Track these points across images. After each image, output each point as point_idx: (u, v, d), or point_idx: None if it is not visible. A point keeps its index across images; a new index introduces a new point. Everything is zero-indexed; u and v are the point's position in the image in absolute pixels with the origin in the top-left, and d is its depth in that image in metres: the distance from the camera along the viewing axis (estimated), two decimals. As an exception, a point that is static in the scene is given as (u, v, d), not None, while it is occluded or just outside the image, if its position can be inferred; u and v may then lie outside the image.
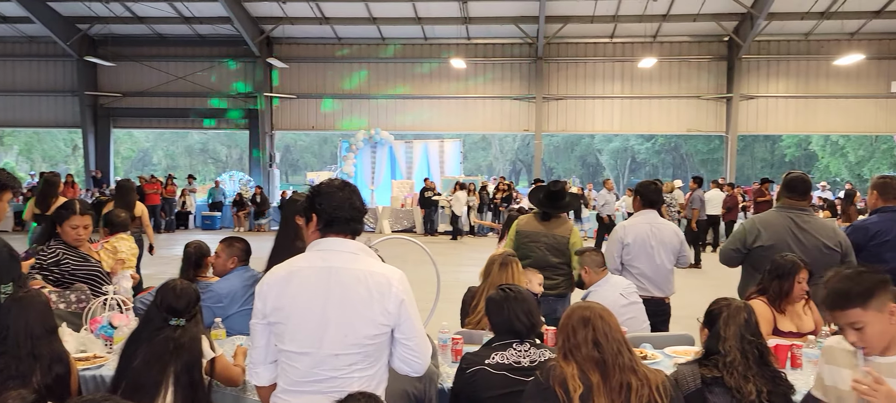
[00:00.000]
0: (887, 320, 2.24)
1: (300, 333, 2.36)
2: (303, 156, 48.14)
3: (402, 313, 2.36)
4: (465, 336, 3.85)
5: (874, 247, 4.77)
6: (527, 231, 5.19)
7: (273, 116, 23.00)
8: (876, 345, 2.28)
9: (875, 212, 4.95)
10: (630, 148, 44.82)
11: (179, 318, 3.03)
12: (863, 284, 2.27)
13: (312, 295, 2.35)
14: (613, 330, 2.51)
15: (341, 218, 2.42)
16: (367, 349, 2.34)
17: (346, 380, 2.34)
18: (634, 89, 21.59)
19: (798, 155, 40.18)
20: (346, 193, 2.45)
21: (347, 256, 2.39)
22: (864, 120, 20.99)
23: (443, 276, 5.13)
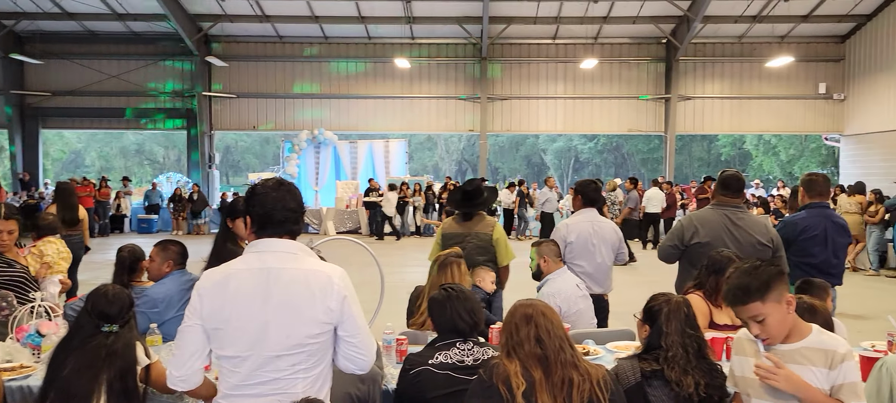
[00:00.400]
0: (785, 310, 2.36)
1: (240, 337, 2.30)
2: (244, 157, 47.19)
3: (345, 310, 2.33)
4: (410, 336, 3.83)
5: (803, 242, 4.97)
6: (451, 232, 5.20)
7: (212, 116, 22.45)
8: (777, 335, 2.39)
9: (803, 209, 5.17)
10: (573, 147, 45.61)
11: (112, 324, 2.91)
12: (760, 278, 2.36)
13: (251, 298, 2.30)
14: (555, 327, 2.53)
15: (275, 220, 2.37)
16: (310, 348, 2.30)
17: (289, 381, 2.29)
18: (577, 90, 21.96)
19: (733, 154, 41.62)
20: (280, 193, 2.39)
21: (285, 256, 2.34)
22: (795, 120, 21.89)
23: (388, 277, 5.09)
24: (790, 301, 2.37)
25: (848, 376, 2.32)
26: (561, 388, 2.42)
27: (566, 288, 4.34)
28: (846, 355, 2.33)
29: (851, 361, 2.33)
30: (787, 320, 2.38)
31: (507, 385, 2.41)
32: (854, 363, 2.33)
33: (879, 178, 17.36)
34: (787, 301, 2.37)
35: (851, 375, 2.32)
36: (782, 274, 2.41)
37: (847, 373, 2.32)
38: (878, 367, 2.91)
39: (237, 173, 45.35)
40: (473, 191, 5.30)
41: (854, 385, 2.32)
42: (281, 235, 2.38)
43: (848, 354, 2.33)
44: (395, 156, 23.31)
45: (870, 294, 10.66)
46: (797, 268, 4.88)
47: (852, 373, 2.32)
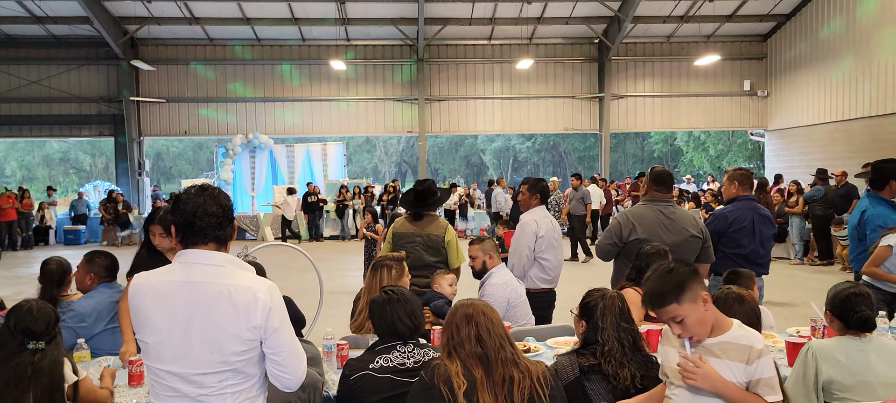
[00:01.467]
0: (702, 308, 2.43)
1: (164, 352, 2.22)
2: (176, 163, 45.83)
3: (269, 327, 2.21)
4: (351, 341, 3.78)
5: (733, 234, 5.15)
6: (401, 232, 5.20)
7: (141, 121, 21.70)
8: (698, 332, 2.46)
9: (731, 202, 5.35)
10: (512, 147, 46.14)
11: (38, 341, 2.77)
12: (673, 280, 2.43)
13: (174, 313, 2.20)
14: (495, 326, 2.55)
15: (196, 226, 2.25)
16: (236, 365, 2.21)
17: (218, 397, 2.22)
18: (513, 90, 22.21)
19: (665, 150, 42.90)
20: (202, 199, 2.27)
21: (209, 269, 2.23)
22: (722, 116, 22.73)
23: (328, 282, 5.02)
24: (706, 298, 2.43)
25: (764, 371, 2.40)
26: (502, 386, 2.43)
27: (512, 280, 4.41)
28: (763, 351, 2.40)
29: (767, 357, 2.41)
30: (705, 317, 2.43)
31: (449, 385, 2.41)
32: (769, 358, 2.41)
33: (801, 170, 18.22)
34: (704, 298, 2.42)
35: (768, 370, 2.40)
36: (695, 273, 2.47)
37: (763, 368, 2.40)
38: (804, 352, 3.03)
39: (169, 180, 43.99)
40: (425, 191, 5.29)
41: (770, 379, 2.40)
42: (205, 243, 2.27)
43: (764, 350, 2.41)
44: (334, 159, 23.06)
45: (794, 282, 11.15)
46: (727, 259, 5.05)
47: (768, 368, 2.41)
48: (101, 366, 3.26)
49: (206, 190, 2.33)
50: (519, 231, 5.19)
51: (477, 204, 20.91)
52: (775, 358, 2.80)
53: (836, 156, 17.91)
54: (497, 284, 4.37)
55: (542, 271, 5.08)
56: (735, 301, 2.74)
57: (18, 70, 20.84)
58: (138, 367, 3.30)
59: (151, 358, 2.25)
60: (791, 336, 3.80)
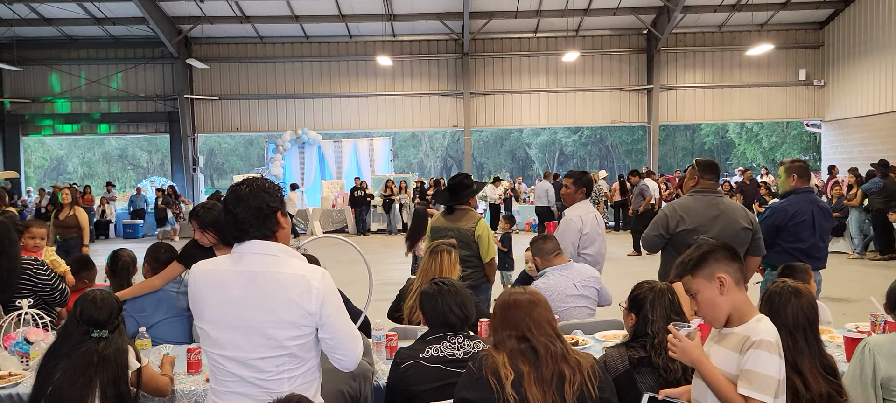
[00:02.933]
0: (715, 289, 2.36)
1: (223, 337, 2.33)
2: (228, 158, 46.90)
3: (324, 314, 2.30)
4: (400, 332, 3.84)
5: (792, 227, 5.02)
6: (436, 226, 5.31)
7: (195, 119, 22.31)
8: (708, 313, 2.40)
9: (789, 194, 5.20)
10: (558, 141, 45.73)
11: (101, 330, 2.89)
12: (695, 254, 2.42)
13: (231, 301, 2.31)
14: (542, 322, 2.52)
15: (239, 225, 2.34)
16: (292, 350, 2.29)
17: (275, 382, 2.30)
18: (559, 83, 22.02)
19: (717, 142, 41.93)
20: (230, 204, 2.36)
21: (265, 259, 2.32)
22: (776, 107, 22.09)
23: (376, 275, 5.08)
24: (724, 281, 2.34)
25: (753, 364, 2.26)
26: (551, 382, 2.42)
27: (557, 287, 4.32)
28: (758, 343, 2.27)
29: (761, 351, 2.26)
30: (718, 301, 2.36)
31: (497, 376, 2.42)
32: (766, 354, 2.25)
33: (860, 162, 17.58)
34: (721, 280, 2.34)
35: (757, 365, 2.26)
36: (724, 254, 2.39)
37: (754, 361, 2.26)
38: (860, 348, 2.95)
39: (222, 175, 45.05)
40: (457, 185, 5.33)
41: (753, 373, 2.25)
42: (255, 237, 2.34)
43: (760, 343, 2.27)
44: (380, 154, 23.28)
45: (853, 277, 10.80)
46: (786, 254, 4.93)
47: (759, 363, 2.25)
48: (161, 354, 3.38)
49: (246, 184, 2.37)
50: (563, 225, 5.16)
51: (523, 197, 20.83)
52: (833, 354, 2.74)
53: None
54: (541, 287, 4.32)
55: (588, 266, 5.05)
56: (791, 294, 2.67)
57: (79, 70, 21.65)
58: (196, 355, 3.41)
59: (210, 345, 2.36)
60: (849, 331, 3.70)
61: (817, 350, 2.62)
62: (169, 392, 3.18)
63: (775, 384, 2.25)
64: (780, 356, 2.30)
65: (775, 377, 2.26)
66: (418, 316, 4.15)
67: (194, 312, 2.42)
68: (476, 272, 5.28)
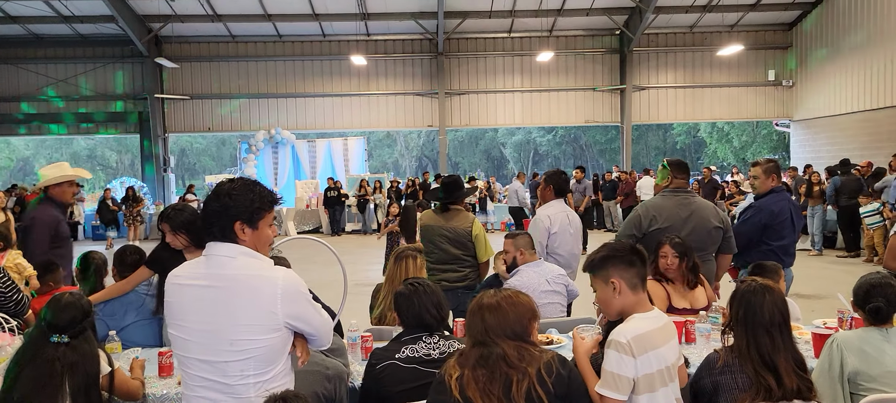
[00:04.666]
0: (610, 292, 2.60)
1: (188, 341, 2.33)
2: (200, 159, 46.34)
3: (292, 312, 2.30)
4: (375, 333, 3.82)
5: (777, 226, 5.06)
6: (429, 224, 5.24)
7: (165, 119, 21.98)
8: (604, 309, 2.69)
9: (769, 193, 5.23)
10: (533, 140, 45.96)
11: (61, 335, 2.82)
12: (596, 256, 2.67)
13: (196, 305, 2.31)
14: (496, 326, 2.44)
15: (206, 224, 2.36)
16: (258, 354, 2.28)
17: (241, 387, 2.28)
18: (534, 82, 22.13)
19: (688, 142, 42.50)
20: (211, 198, 2.38)
21: (226, 261, 2.30)
22: (746, 107, 22.44)
23: (352, 275, 5.08)
24: (618, 286, 2.56)
25: (605, 362, 2.49)
26: (497, 385, 2.34)
27: (532, 282, 4.34)
28: (609, 343, 2.50)
29: (610, 350, 2.48)
30: (612, 301, 2.60)
31: (448, 378, 2.41)
32: (614, 353, 2.46)
33: (828, 161, 17.94)
34: (615, 285, 2.57)
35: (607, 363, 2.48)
36: (619, 261, 2.60)
37: (606, 360, 2.49)
38: (829, 344, 3.01)
39: (194, 176, 44.47)
40: (452, 185, 5.30)
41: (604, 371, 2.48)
42: (216, 239, 2.33)
43: (610, 343, 2.49)
44: (355, 154, 23.18)
45: (817, 274, 11.00)
46: (771, 252, 4.91)
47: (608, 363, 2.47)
48: (130, 358, 3.33)
49: (217, 188, 2.39)
50: (532, 226, 5.18)
51: (498, 197, 20.89)
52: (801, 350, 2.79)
53: (863, 145, 17.61)
54: (515, 284, 4.33)
55: (556, 265, 5.05)
56: (765, 292, 2.71)
57: (46, 69, 21.21)
58: (168, 358, 3.37)
59: (180, 348, 2.36)
60: (817, 327, 3.77)
61: (791, 346, 2.68)
62: (140, 396, 3.14)
63: (624, 382, 2.44)
64: (633, 355, 2.44)
65: (623, 375, 2.44)
66: (392, 317, 4.15)
67: (167, 317, 2.42)
68: (472, 271, 5.23)
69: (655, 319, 2.59)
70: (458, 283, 5.08)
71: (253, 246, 2.33)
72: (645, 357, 2.45)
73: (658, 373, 2.48)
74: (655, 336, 2.52)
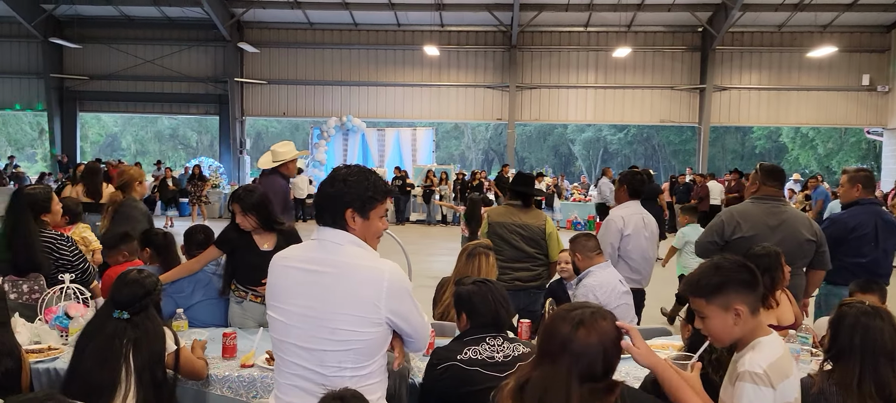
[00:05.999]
0: (730, 321, 2.18)
1: (289, 325, 2.28)
2: (274, 142, 47.53)
3: (394, 307, 2.25)
4: (437, 328, 3.73)
5: (853, 241, 4.74)
6: (500, 221, 5.00)
7: (243, 102, 22.62)
8: (717, 339, 2.25)
9: (852, 205, 4.91)
10: (602, 138, 45.03)
11: (122, 311, 2.85)
12: (713, 280, 2.20)
13: (300, 287, 2.27)
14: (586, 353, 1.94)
15: (318, 208, 2.32)
16: (357, 347, 2.22)
17: (336, 379, 2.22)
18: (608, 79, 21.62)
19: (768, 147, 40.74)
20: (326, 182, 2.34)
21: (334, 248, 2.26)
22: (835, 112, 21.28)
23: (415, 266, 5.02)
24: (741, 313, 2.16)
25: (738, 398, 2.13)
26: None
27: (610, 282, 4.15)
28: (741, 375, 2.13)
29: (744, 383, 2.12)
30: (730, 331, 2.19)
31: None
32: (750, 386, 2.11)
33: (923, 174, 16.83)
34: (738, 312, 2.16)
35: (743, 398, 2.12)
36: (740, 285, 2.19)
37: (738, 395, 2.13)
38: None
39: (268, 159, 45.72)
40: (529, 180, 5.16)
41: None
42: (330, 224, 2.29)
43: (743, 375, 2.13)
44: (422, 145, 23.24)
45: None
46: (845, 269, 4.66)
47: (744, 397, 2.11)
48: (192, 339, 3.35)
49: (335, 172, 2.34)
50: (604, 227, 5.00)
51: (564, 194, 20.53)
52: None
53: (965, 159, 16.43)
54: (589, 286, 4.14)
55: (629, 270, 4.85)
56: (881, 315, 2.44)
57: (135, 49, 22.16)
58: (232, 340, 3.37)
59: (279, 332, 2.32)
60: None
61: None
62: (205, 376, 3.15)
63: None
64: (772, 385, 2.11)
65: None
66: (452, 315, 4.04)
67: (268, 298, 2.38)
68: (545, 271, 5.04)
69: (780, 343, 2.26)
70: (530, 283, 4.92)
71: (362, 236, 2.28)
72: (782, 385, 2.15)
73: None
74: (787, 363, 2.21)
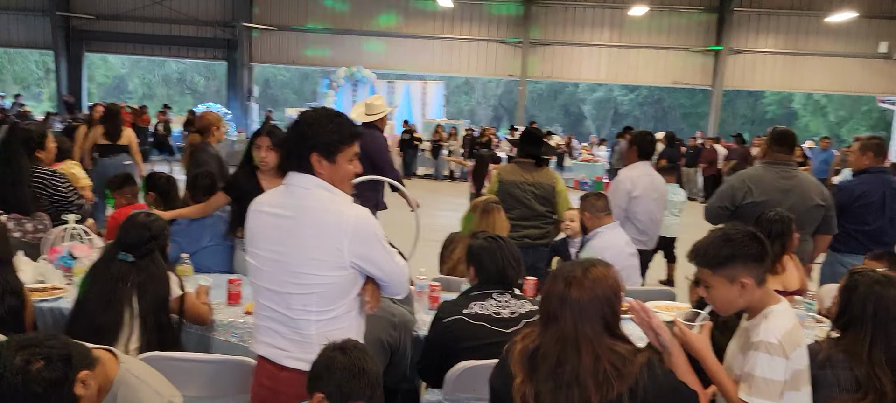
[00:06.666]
0: (735, 292, 2.17)
1: (259, 271, 2.31)
2: (282, 91, 47.26)
3: (360, 252, 2.21)
4: (443, 282, 3.73)
5: (858, 209, 4.71)
6: (511, 179, 4.94)
7: (252, 48, 22.38)
8: (721, 309, 2.24)
9: (860, 173, 4.87)
10: (613, 99, 44.59)
11: (127, 253, 2.85)
12: (721, 252, 2.18)
13: (269, 231, 2.28)
14: (586, 312, 1.97)
15: (286, 153, 2.32)
16: (321, 290, 2.21)
17: (302, 322, 2.23)
18: (623, 38, 21.29)
19: (780, 112, 40.29)
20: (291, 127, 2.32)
21: (302, 192, 2.24)
22: (850, 79, 20.96)
23: (421, 220, 4.97)
24: (747, 285, 2.14)
25: (751, 366, 2.13)
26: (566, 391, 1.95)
27: (617, 243, 4.13)
28: (757, 345, 2.12)
29: (759, 353, 2.10)
30: (735, 301, 2.19)
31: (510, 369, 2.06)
32: (765, 356, 2.09)
33: (937, 146, 16.64)
34: (744, 284, 2.14)
35: (755, 368, 2.11)
36: (748, 258, 2.17)
37: (751, 364, 2.13)
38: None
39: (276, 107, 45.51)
40: (537, 139, 5.10)
41: (751, 377, 2.12)
42: (295, 169, 2.27)
43: (759, 344, 2.11)
44: (433, 99, 23.03)
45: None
46: (849, 236, 4.65)
47: (756, 367, 2.10)
48: (197, 283, 3.35)
49: (298, 117, 2.32)
50: (613, 187, 4.97)
51: (575, 154, 20.39)
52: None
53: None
54: (597, 248, 4.11)
55: (636, 231, 4.83)
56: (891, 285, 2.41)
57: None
58: (236, 286, 3.38)
59: (253, 276, 2.35)
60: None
61: None
62: (209, 321, 3.16)
63: (777, 387, 2.11)
64: (785, 355, 2.10)
65: (776, 379, 2.10)
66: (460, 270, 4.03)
67: (245, 243, 2.41)
68: (553, 229, 5.01)
69: (792, 312, 2.26)
70: (539, 241, 4.89)
71: (330, 180, 2.24)
72: (794, 354, 2.15)
73: (806, 370, 2.20)
74: (798, 331, 2.21)
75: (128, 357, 2.29)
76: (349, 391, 2.01)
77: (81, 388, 1.91)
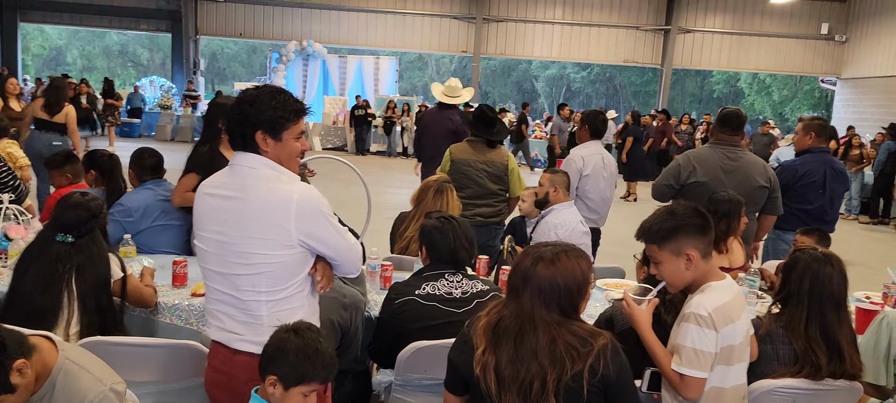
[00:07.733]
0: (681, 265, 2.25)
1: (207, 253, 2.25)
2: (230, 65, 46.13)
3: (307, 230, 2.15)
4: (395, 262, 3.70)
5: (800, 188, 4.86)
6: (462, 158, 4.93)
7: (198, 20, 21.72)
8: (671, 284, 2.32)
9: (803, 153, 5.01)
10: (566, 76, 44.99)
11: (65, 234, 2.74)
12: (665, 226, 2.26)
13: (213, 213, 2.22)
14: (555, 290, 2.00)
15: (231, 132, 2.23)
16: (269, 270, 2.16)
17: (252, 303, 2.18)
18: (575, 16, 21.44)
19: (726, 91, 41.30)
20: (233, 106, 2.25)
21: (247, 171, 2.18)
22: (793, 59, 21.60)
23: (374, 197, 4.93)
24: (692, 257, 2.23)
25: (681, 337, 2.23)
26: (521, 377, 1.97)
27: (571, 221, 4.17)
28: (686, 316, 2.22)
29: (688, 324, 2.20)
30: (683, 275, 2.26)
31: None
32: (693, 326, 2.19)
33: (872, 124, 17.29)
34: (689, 257, 2.22)
35: (683, 338, 2.21)
36: (691, 230, 2.24)
37: (681, 335, 2.22)
38: (877, 321, 2.84)
39: (223, 81, 44.43)
40: (494, 118, 5.05)
41: (680, 347, 2.22)
42: (241, 147, 2.21)
43: (688, 316, 2.21)
44: (385, 74, 22.82)
45: (851, 241, 10.69)
46: (791, 215, 4.79)
47: (685, 337, 2.20)
48: (141, 265, 3.25)
49: (241, 95, 2.25)
50: (564, 165, 4.99)
51: (529, 132, 20.50)
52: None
53: (913, 112, 16.91)
54: (552, 223, 4.14)
55: (586, 209, 4.88)
56: (831, 262, 2.50)
57: (80, -42, 20.98)
58: (182, 268, 3.29)
59: (201, 259, 2.30)
60: (860, 301, 3.56)
61: (849, 322, 2.53)
62: (153, 304, 3.07)
63: (707, 358, 2.19)
64: (715, 328, 2.18)
65: (706, 351, 2.18)
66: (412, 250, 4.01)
67: (194, 227, 2.33)
68: (505, 207, 5.03)
69: (731, 288, 2.31)
70: (491, 219, 4.91)
71: (276, 159, 2.19)
72: (726, 329, 2.21)
73: (739, 346, 2.26)
74: (734, 307, 2.26)
75: (67, 343, 2.21)
76: (303, 372, 1.98)
77: (18, 377, 1.84)
